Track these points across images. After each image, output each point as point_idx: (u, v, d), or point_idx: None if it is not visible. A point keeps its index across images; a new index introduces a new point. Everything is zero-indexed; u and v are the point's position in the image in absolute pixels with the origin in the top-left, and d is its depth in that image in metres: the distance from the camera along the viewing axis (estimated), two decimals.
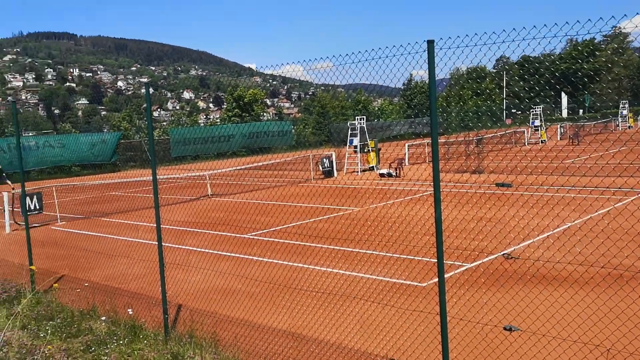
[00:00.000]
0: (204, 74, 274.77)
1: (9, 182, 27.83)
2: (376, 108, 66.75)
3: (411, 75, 58.65)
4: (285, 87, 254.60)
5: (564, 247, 9.34)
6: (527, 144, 39.28)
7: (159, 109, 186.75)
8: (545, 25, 4.20)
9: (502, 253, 9.69)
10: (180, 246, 12.26)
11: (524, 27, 4.24)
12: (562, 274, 8.06)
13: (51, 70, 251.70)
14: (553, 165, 19.30)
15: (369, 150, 27.26)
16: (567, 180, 15.83)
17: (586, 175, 16.05)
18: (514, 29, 4.26)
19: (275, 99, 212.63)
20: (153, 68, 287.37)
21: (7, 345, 6.23)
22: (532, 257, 9.19)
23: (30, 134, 68.07)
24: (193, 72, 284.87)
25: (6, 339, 6.31)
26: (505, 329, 6.40)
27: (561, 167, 19.34)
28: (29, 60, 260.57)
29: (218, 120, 64.70)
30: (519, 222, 11.08)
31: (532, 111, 42.45)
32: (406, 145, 30.21)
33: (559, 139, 42.32)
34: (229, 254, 11.24)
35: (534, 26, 4.23)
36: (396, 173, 23.70)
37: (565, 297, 6.80)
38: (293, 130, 52.18)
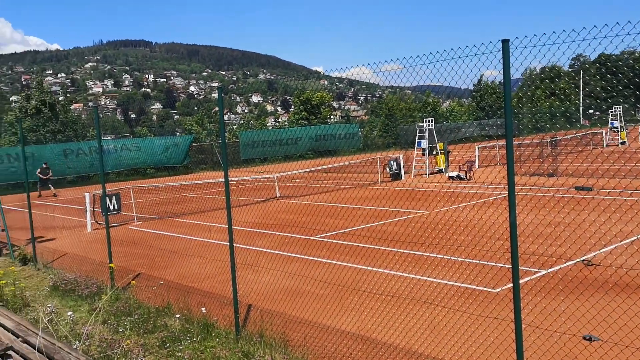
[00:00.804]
0: (272, 77, 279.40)
1: (52, 187, 29.40)
2: (445, 109, 65.58)
3: (482, 75, 57.24)
4: (352, 90, 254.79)
5: None
6: (606, 145, 37.43)
7: (228, 113, 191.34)
8: (629, 21, 3.97)
9: (581, 259, 9.26)
10: (250, 247, 12.49)
11: (605, 24, 4.03)
12: None
13: (128, 76, 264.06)
14: (638, 168, 18.28)
15: (437, 152, 26.82)
16: None
17: None
18: (595, 26, 4.05)
19: (342, 102, 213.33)
20: (223, 73, 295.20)
21: (89, 338, 6.54)
22: (614, 264, 8.73)
23: (109, 138, 71.46)
24: (262, 76, 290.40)
25: (88, 333, 6.62)
26: (584, 338, 6.11)
27: None
28: (108, 67, 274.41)
29: (286, 123, 65.49)
30: (599, 228, 10.56)
31: (611, 112, 40.36)
32: (477, 147, 29.50)
33: None
34: (297, 255, 11.34)
35: (617, 23, 4.00)
36: (466, 176, 23.18)
37: None
38: (360, 133, 52.11)
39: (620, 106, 40.47)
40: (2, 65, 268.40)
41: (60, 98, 48.63)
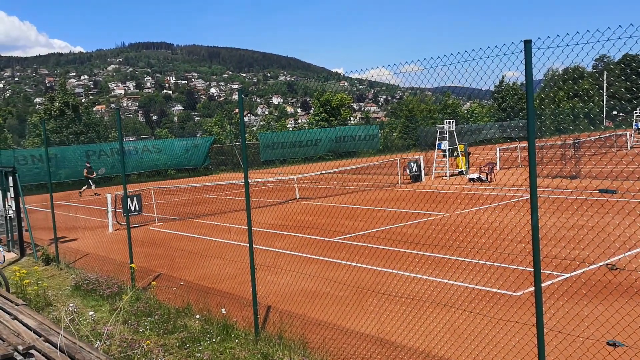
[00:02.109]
0: (292, 79, 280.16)
1: (94, 186, 29.74)
2: (465, 111, 65.06)
3: (503, 76, 56.68)
4: (372, 91, 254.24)
5: None
6: (631, 147, 36.78)
7: (248, 114, 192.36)
8: None
9: (605, 263, 9.10)
10: (269, 248, 12.51)
11: (631, 24, 3.95)
12: None
13: (150, 78, 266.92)
14: None
15: (458, 154, 26.61)
16: None
17: None
18: (619, 25, 3.98)
19: (362, 103, 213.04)
20: (244, 74, 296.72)
21: (110, 338, 6.60)
22: (639, 269, 8.56)
23: (130, 139, 72.25)
24: (282, 78, 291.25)
25: (109, 332, 6.68)
26: (609, 344, 6.00)
27: None
28: (130, 69, 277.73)
29: (306, 125, 65.58)
30: (624, 231, 10.37)
31: (636, 113, 39.63)
32: (497, 149, 29.21)
33: None
34: (316, 257, 11.33)
35: None
36: (487, 178, 22.95)
37: None
38: (380, 134, 51.95)
39: None
40: (27, 68, 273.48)
41: (83, 100, 49.24)
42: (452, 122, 27.32)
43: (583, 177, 20.90)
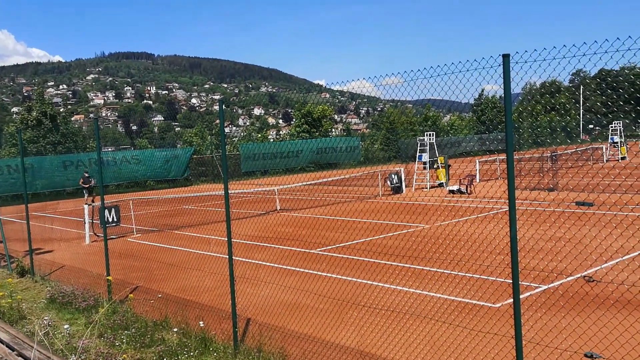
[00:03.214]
0: (274, 90, 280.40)
1: (86, 194, 29.30)
2: (445, 123, 65.72)
3: (482, 90, 57.47)
4: (354, 103, 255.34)
5: None
6: (607, 161, 37.42)
7: (230, 125, 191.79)
8: (630, 36, 3.96)
9: (582, 275, 9.20)
10: (249, 260, 12.42)
11: (606, 39, 4.02)
12: None
13: (130, 88, 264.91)
14: (639, 184, 18.24)
15: (438, 166, 26.81)
16: None
17: None
18: (595, 41, 4.04)
19: (344, 115, 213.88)
20: (225, 85, 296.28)
21: (85, 352, 6.47)
22: (615, 281, 8.67)
23: (109, 150, 71.53)
24: (263, 89, 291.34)
25: (84, 346, 6.55)
26: (586, 355, 6.04)
27: None
28: (110, 79, 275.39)
29: (287, 136, 65.63)
30: (601, 243, 10.50)
31: (612, 127, 40.40)
32: (477, 161, 29.50)
33: None
34: (297, 268, 11.27)
35: (618, 38, 3.99)
36: (467, 190, 23.14)
37: None
38: (361, 146, 52.16)
39: (621, 121, 40.51)
40: (4, 77, 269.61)
41: (61, 109, 48.74)
42: (433, 134, 27.55)
43: (560, 189, 21.18)
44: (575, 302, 7.72)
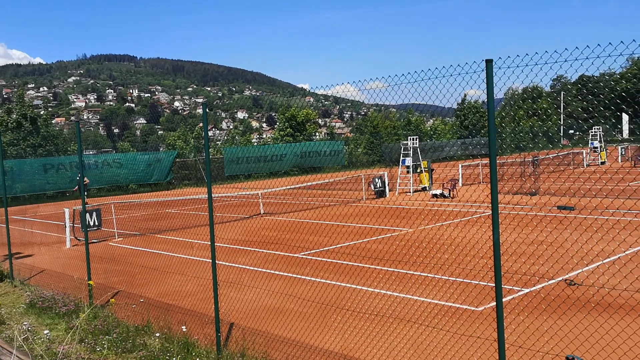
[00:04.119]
0: (258, 94, 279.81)
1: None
2: (428, 128, 66.13)
3: (465, 94, 57.99)
4: (338, 107, 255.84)
5: (631, 274, 8.84)
6: (587, 165, 37.93)
7: (213, 129, 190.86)
8: (610, 43, 4.02)
9: (563, 278, 9.29)
10: (232, 264, 12.36)
11: (587, 46, 4.07)
12: (630, 303, 7.64)
13: (112, 91, 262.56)
14: (619, 188, 18.51)
15: (421, 170, 26.94)
16: (634, 204, 15.12)
17: None
18: (576, 47, 4.09)
19: (328, 119, 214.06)
20: (209, 89, 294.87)
21: (66, 357, 6.38)
22: (596, 284, 8.77)
23: (90, 153, 70.82)
24: (247, 93, 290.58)
25: (65, 352, 6.46)
26: (567, 358, 6.08)
27: (628, 190, 18.52)
28: (92, 81, 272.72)
29: (270, 140, 65.51)
30: (582, 247, 10.62)
31: (592, 132, 40.97)
32: (460, 165, 29.70)
33: (619, 160, 40.67)
34: (280, 273, 11.24)
35: (598, 44, 4.04)
36: (449, 194, 23.28)
37: (633, 327, 6.43)
38: (345, 150, 52.25)
39: (601, 127, 41.10)
40: None
41: (42, 112, 48.14)
42: (416, 138, 27.68)
43: (542, 193, 21.40)
44: (557, 305, 7.80)
